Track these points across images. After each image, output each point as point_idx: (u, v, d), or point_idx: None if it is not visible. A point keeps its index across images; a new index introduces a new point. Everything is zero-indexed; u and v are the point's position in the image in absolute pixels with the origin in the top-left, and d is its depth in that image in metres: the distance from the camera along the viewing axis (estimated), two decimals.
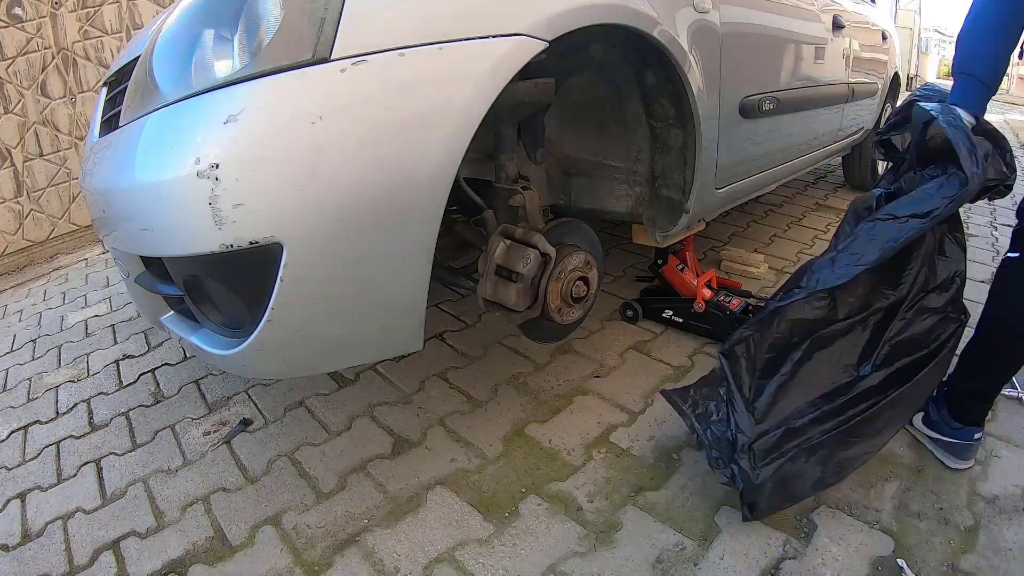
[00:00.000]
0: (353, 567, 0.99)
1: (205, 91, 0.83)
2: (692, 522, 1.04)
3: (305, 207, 0.79)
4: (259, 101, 0.79)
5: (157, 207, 0.83)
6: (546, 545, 1.01)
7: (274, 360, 0.93)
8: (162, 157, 0.83)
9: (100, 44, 3.29)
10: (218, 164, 0.77)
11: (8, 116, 3.01)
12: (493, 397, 1.41)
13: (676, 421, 1.30)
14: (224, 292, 0.92)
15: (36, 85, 3.09)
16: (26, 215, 3.17)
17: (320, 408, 1.41)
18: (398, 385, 1.48)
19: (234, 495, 1.17)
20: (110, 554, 1.07)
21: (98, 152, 1.03)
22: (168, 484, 1.22)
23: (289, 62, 0.80)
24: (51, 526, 1.15)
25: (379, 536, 1.04)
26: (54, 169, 3.22)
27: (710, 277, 1.65)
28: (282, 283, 0.83)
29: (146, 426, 1.43)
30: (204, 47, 0.89)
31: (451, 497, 1.12)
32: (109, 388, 1.64)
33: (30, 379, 1.79)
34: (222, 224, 0.78)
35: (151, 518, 1.14)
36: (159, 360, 1.75)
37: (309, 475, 1.20)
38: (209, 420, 1.42)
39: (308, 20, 0.82)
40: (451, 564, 0.98)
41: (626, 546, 1.00)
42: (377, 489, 1.15)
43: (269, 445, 1.30)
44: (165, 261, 0.93)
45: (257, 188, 0.78)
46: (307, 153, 0.78)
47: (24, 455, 1.40)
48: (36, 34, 3.04)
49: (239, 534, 1.08)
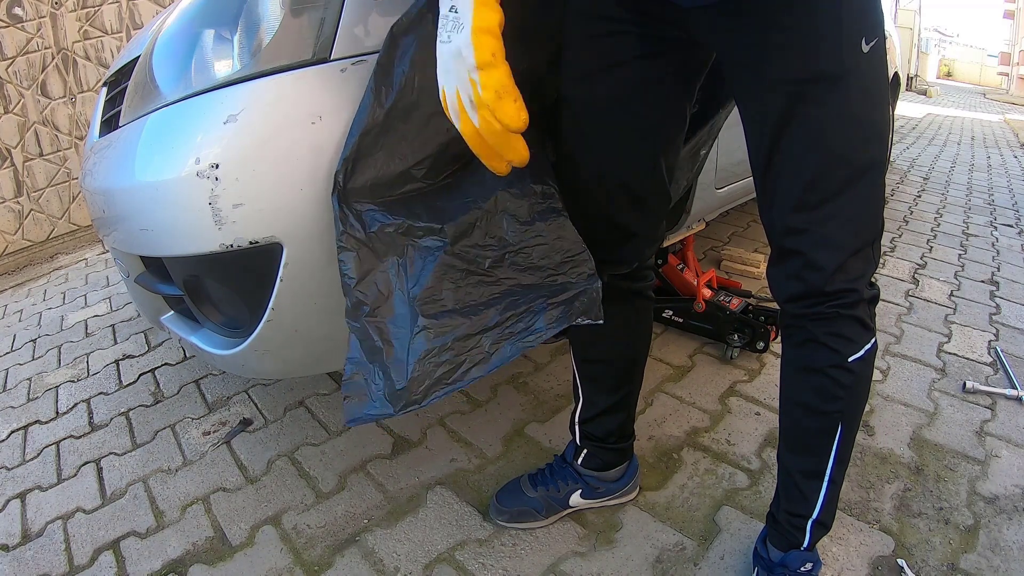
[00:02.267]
0: (353, 567, 0.99)
1: (205, 91, 0.83)
2: (692, 522, 1.04)
3: (305, 207, 0.79)
4: (259, 101, 0.79)
5: (157, 207, 0.83)
6: (546, 545, 1.00)
7: (274, 360, 0.93)
8: (162, 157, 0.83)
9: (100, 44, 3.29)
10: (218, 164, 0.77)
11: (8, 116, 3.01)
12: (493, 397, 1.41)
13: (676, 421, 1.30)
14: (224, 292, 0.92)
15: (36, 85, 3.08)
16: (26, 215, 3.17)
17: (320, 408, 1.41)
18: None
19: (234, 495, 1.17)
20: (110, 554, 1.06)
21: (98, 152, 1.03)
22: (168, 484, 1.22)
23: (289, 62, 0.80)
24: (51, 526, 1.15)
25: (379, 536, 1.04)
26: (54, 169, 3.22)
27: (710, 277, 1.65)
28: (282, 283, 0.83)
29: (146, 426, 1.43)
30: (204, 47, 0.89)
31: (451, 497, 1.12)
32: (109, 388, 1.64)
33: (30, 379, 1.79)
34: (222, 224, 0.78)
35: (151, 518, 1.14)
36: (159, 360, 1.75)
37: (309, 475, 1.20)
38: (209, 420, 1.42)
39: (308, 20, 0.82)
40: (451, 564, 0.98)
41: (626, 546, 1.00)
42: (377, 489, 1.15)
43: (269, 445, 1.30)
44: (165, 261, 0.93)
45: (257, 188, 0.78)
46: (307, 153, 0.78)
47: (24, 455, 1.40)
48: (36, 34, 3.04)
49: (239, 534, 1.07)
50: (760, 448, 1.21)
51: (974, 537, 0.99)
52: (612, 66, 0.76)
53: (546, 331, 0.75)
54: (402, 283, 0.77)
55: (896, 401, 1.36)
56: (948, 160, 4.52)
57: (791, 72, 0.65)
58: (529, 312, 0.76)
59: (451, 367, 0.74)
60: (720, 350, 1.56)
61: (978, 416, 1.30)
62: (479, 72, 0.63)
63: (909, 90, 11.98)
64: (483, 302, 0.76)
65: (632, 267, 0.92)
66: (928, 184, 3.59)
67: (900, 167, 4.06)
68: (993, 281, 2.08)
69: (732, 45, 0.70)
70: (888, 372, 1.47)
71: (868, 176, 0.68)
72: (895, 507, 1.05)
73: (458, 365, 0.74)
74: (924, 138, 5.72)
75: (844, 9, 0.63)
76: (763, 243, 2.34)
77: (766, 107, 0.68)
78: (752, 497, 1.09)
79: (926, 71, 18.25)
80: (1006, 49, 24.58)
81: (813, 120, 0.66)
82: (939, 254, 2.33)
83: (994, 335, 1.67)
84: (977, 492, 1.08)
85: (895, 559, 0.95)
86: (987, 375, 1.47)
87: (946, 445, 1.21)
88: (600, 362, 1.00)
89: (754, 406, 1.34)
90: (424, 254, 0.77)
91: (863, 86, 0.66)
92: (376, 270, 0.76)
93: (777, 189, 0.71)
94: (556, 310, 0.76)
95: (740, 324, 1.52)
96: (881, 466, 1.15)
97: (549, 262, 0.78)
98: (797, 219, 0.70)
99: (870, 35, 0.65)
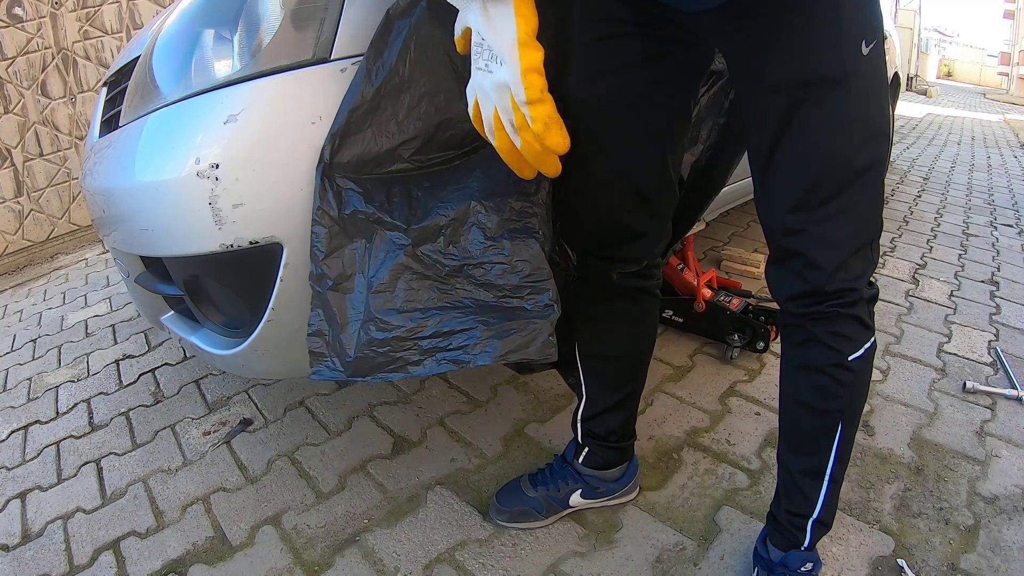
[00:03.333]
0: (353, 567, 0.99)
1: (205, 91, 0.83)
2: (692, 522, 1.04)
3: (305, 207, 0.79)
4: (259, 101, 0.79)
5: (157, 207, 0.83)
6: (546, 545, 1.00)
7: (274, 360, 0.93)
8: (162, 157, 0.83)
9: (100, 44, 3.29)
10: (218, 164, 0.77)
11: (8, 116, 3.01)
12: (493, 397, 1.41)
13: (676, 421, 1.30)
14: (224, 292, 0.92)
15: (36, 85, 3.08)
16: (26, 215, 3.17)
17: (320, 408, 1.41)
18: (398, 385, 1.48)
19: (234, 495, 1.17)
20: (110, 554, 1.06)
21: (98, 152, 1.03)
22: (168, 484, 1.22)
23: (289, 62, 0.81)
24: (51, 526, 1.15)
25: (379, 536, 1.04)
26: (54, 169, 3.22)
27: (710, 277, 1.65)
28: (282, 283, 0.83)
29: (146, 426, 1.43)
30: (204, 47, 0.89)
31: (451, 497, 1.12)
32: (109, 388, 1.64)
33: (30, 379, 1.79)
34: (222, 224, 0.78)
35: (151, 518, 1.14)
36: (159, 360, 1.75)
37: (309, 475, 1.20)
38: (209, 420, 1.42)
39: (308, 20, 0.82)
40: (451, 564, 0.98)
41: (626, 546, 1.00)
42: (377, 489, 1.15)
43: (269, 445, 1.30)
44: (165, 261, 0.93)
45: (257, 188, 0.78)
46: (307, 153, 0.78)
47: (24, 455, 1.40)
48: (36, 34, 3.04)
49: (239, 534, 1.08)
50: (760, 448, 1.21)
51: (974, 537, 0.99)
52: (617, 68, 0.76)
53: (478, 358, 0.74)
54: (365, 267, 0.78)
55: (896, 401, 1.36)
56: (948, 160, 4.52)
57: (792, 75, 0.65)
58: (465, 334, 0.76)
59: (388, 360, 0.76)
60: (720, 350, 1.56)
61: (978, 416, 1.30)
62: (529, 107, 0.67)
63: (909, 90, 11.97)
64: (430, 308, 0.77)
65: (641, 265, 0.92)
66: (928, 184, 3.59)
67: (900, 167, 4.06)
68: (993, 281, 2.08)
69: (733, 47, 0.71)
70: (888, 372, 1.47)
71: (867, 176, 0.69)
72: (895, 507, 1.05)
73: (394, 360, 0.76)
74: (924, 138, 5.72)
75: (844, 12, 0.63)
76: (763, 243, 2.34)
77: (766, 109, 0.68)
78: (752, 497, 1.09)
79: (926, 71, 18.25)
80: (1006, 49, 24.57)
81: (813, 122, 0.66)
82: (939, 254, 2.33)
83: (994, 335, 1.67)
84: (977, 492, 1.08)
85: (895, 559, 0.95)
86: (987, 375, 1.47)
87: (946, 445, 1.21)
88: (604, 358, 1.00)
89: (754, 406, 1.34)
90: (387, 247, 0.78)
91: (863, 88, 0.66)
92: (345, 247, 0.78)
93: (777, 190, 0.72)
94: (494, 340, 0.75)
95: (740, 324, 1.52)
96: (881, 466, 1.15)
97: (505, 283, 0.77)
98: (797, 219, 0.70)
99: (870, 37, 0.65)
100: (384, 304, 0.76)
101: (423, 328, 0.76)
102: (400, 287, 0.77)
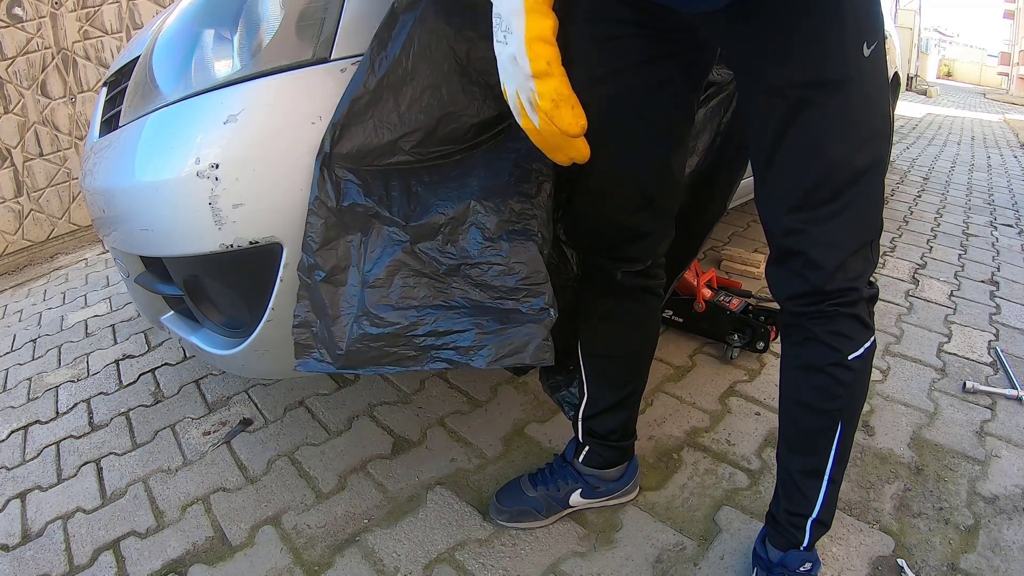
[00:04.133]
0: (353, 567, 0.99)
1: (205, 91, 0.83)
2: (692, 522, 1.04)
3: (305, 207, 0.79)
4: (259, 101, 0.79)
5: (157, 207, 0.83)
6: (546, 545, 1.00)
7: (274, 360, 0.93)
8: (162, 157, 0.83)
9: (100, 44, 3.29)
10: (218, 164, 0.77)
11: (8, 116, 3.01)
12: (493, 397, 1.41)
13: (676, 421, 1.30)
14: (224, 292, 0.92)
15: (36, 85, 3.08)
16: (26, 215, 3.17)
17: (320, 408, 1.41)
18: (398, 385, 1.48)
19: (234, 495, 1.17)
20: (110, 554, 1.06)
21: (98, 152, 1.03)
22: (168, 484, 1.22)
23: (289, 62, 0.81)
24: (51, 526, 1.15)
25: (379, 536, 1.04)
26: (54, 169, 3.22)
27: (710, 277, 1.65)
28: (282, 283, 0.83)
29: (146, 426, 1.43)
30: (204, 47, 0.89)
31: (451, 497, 1.12)
32: (109, 388, 1.64)
33: (30, 379, 1.79)
34: (222, 224, 0.78)
35: (151, 518, 1.14)
36: (159, 360, 1.75)
37: (309, 475, 1.20)
38: (209, 420, 1.42)
39: (308, 20, 0.82)
40: (451, 564, 0.98)
41: (626, 546, 1.00)
42: (377, 489, 1.15)
43: (269, 445, 1.30)
44: (165, 261, 0.93)
45: (257, 188, 0.78)
46: (307, 153, 0.78)
47: (24, 455, 1.40)
48: (36, 34, 3.04)
49: (239, 534, 1.07)
50: (760, 448, 1.21)
51: (974, 537, 0.99)
52: (621, 70, 0.76)
53: (473, 361, 0.74)
54: (360, 261, 0.78)
55: (896, 401, 1.36)
56: (948, 160, 4.52)
57: (793, 77, 0.65)
58: (460, 335, 0.76)
59: (381, 355, 0.76)
60: (720, 350, 1.56)
61: (978, 416, 1.30)
62: (535, 81, 0.65)
63: (909, 90, 11.97)
64: (426, 305, 0.77)
65: (645, 264, 0.92)
66: (928, 184, 3.59)
67: (900, 167, 4.06)
68: (993, 281, 2.08)
69: (735, 48, 0.71)
70: (888, 372, 1.47)
71: (868, 177, 0.69)
72: (895, 507, 1.05)
73: (388, 354, 0.76)
74: (924, 138, 5.72)
75: (846, 14, 0.63)
76: (763, 243, 2.34)
77: (768, 110, 0.68)
78: (752, 497, 1.09)
79: (926, 71, 18.25)
80: (1006, 49, 24.58)
81: (814, 124, 0.66)
82: (939, 254, 2.33)
83: (994, 335, 1.67)
84: (977, 492, 1.08)
85: (895, 559, 0.95)
86: (987, 375, 1.47)
87: (946, 445, 1.21)
88: (607, 357, 1.00)
89: (754, 406, 1.34)
90: (385, 243, 0.78)
91: (864, 90, 0.66)
92: (340, 240, 0.77)
93: (777, 190, 0.72)
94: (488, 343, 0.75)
95: (740, 324, 1.52)
96: (881, 466, 1.15)
97: (502, 284, 0.77)
98: (797, 219, 0.70)
99: (871, 39, 0.65)
100: (379, 299, 0.76)
101: (418, 326, 0.76)
102: (396, 283, 0.76)
